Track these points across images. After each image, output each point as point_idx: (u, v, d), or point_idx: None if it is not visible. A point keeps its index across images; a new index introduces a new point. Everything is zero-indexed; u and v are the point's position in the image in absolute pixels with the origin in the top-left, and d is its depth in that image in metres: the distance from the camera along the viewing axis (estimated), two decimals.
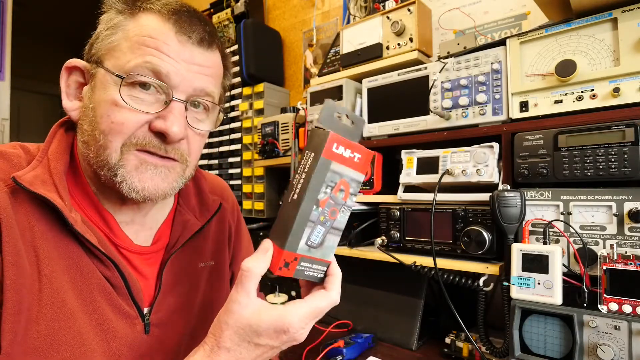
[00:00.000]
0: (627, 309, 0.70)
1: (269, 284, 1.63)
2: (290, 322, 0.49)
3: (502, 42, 0.98)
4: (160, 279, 0.66)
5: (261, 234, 1.72)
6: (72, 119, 0.61)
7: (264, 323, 0.49)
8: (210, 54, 0.62)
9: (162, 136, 0.58)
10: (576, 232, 0.81)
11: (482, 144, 0.99)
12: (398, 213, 1.10)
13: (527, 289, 0.80)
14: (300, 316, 0.50)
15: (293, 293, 1.55)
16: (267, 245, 0.52)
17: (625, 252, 0.76)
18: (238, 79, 2.06)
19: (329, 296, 0.52)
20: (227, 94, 2.11)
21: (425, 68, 1.13)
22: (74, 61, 0.61)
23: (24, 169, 0.56)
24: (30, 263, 0.52)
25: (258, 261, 0.50)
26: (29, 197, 0.54)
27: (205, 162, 2.21)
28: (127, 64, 0.56)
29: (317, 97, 1.37)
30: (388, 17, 1.25)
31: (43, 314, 0.52)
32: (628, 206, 0.76)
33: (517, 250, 0.82)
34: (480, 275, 0.96)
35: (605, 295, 0.73)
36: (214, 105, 0.64)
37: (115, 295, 0.59)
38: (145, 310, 0.63)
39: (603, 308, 0.73)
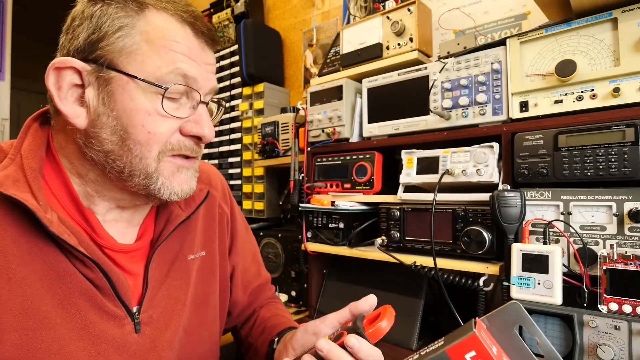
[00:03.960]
0: (627, 309, 0.70)
1: None
2: None
3: (502, 42, 0.98)
4: (147, 275, 0.64)
5: (261, 233, 1.72)
6: (77, 127, 0.56)
7: None
8: (213, 54, 0.65)
9: (196, 139, 0.61)
10: (576, 232, 0.81)
11: (482, 144, 0.99)
12: (398, 213, 1.10)
13: (527, 289, 0.80)
14: None
15: (293, 293, 1.55)
16: None
17: (625, 252, 0.76)
18: (238, 79, 2.06)
19: None
20: (228, 93, 2.12)
21: (425, 68, 1.13)
22: (68, 61, 0.54)
23: None
24: None
25: None
26: (1, 201, 0.52)
27: (205, 162, 2.21)
28: (158, 70, 0.55)
29: (317, 97, 1.37)
30: (388, 17, 1.25)
31: (14, 323, 0.50)
32: (628, 206, 0.76)
33: (517, 250, 0.82)
34: (480, 275, 0.96)
35: (605, 295, 0.73)
36: (218, 99, 0.69)
37: (99, 296, 0.57)
38: (134, 309, 0.62)
39: (603, 308, 0.73)
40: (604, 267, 0.74)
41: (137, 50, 0.55)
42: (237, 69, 2.05)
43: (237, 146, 2.04)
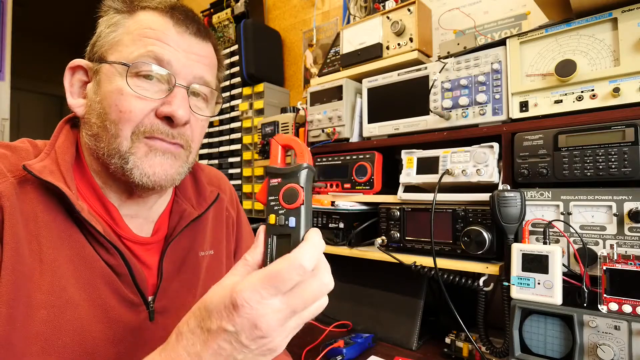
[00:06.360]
0: (627, 309, 0.70)
1: None
2: (239, 291, 0.39)
3: (502, 42, 0.98)
4: (161, 267, 0.68)
5: None
6: (78, 115, 0.64)
7: (214, 298, 0.41)
8: (205, 45, 0.67)
9: (169, 121, 0.62)
10: (576, 232, 0.81)
11: (482, 144, 0.99)
12: (398, 213, 1.10)
13: (527, 289, 0.80)
14: (252, 283, 0.39)
15: None
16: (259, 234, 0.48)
17: (625, 252, 0.76)
18: (238, 79, 2.06)
19: (289, 258, 0.40)
20: (228, 93, 2.11)
21: (425, 68, 1.12)
22: (78, 61, 0.64)
23: (33, 160, 0.58)
24: (31, 252, 0.54)
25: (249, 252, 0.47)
26: (36, 187, 0.56)
27: (205, 162, 2.21)
28: (131, 54, 0.60)
29: (317, 97, 1.37)
30: (388, 17, 1.25)
31: (44, 301, 0.53)
32: (628, 206, 0.76)
33: (517, 250, 0.82)
34: (480, 275, 0.96)
35: (605, 295, 0.73)
36: (212, 92, 0.68)
37: (119, 283, 0.60)
38: (150, 298, 0.65)
39: (603, 308, 0.73)
40: (604, 267, 0.74)
41: (119, 41, 0.61)
42: (237, 69, 2.05)
43: (237, 146, 2.03)
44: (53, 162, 0.59)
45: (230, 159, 2.06)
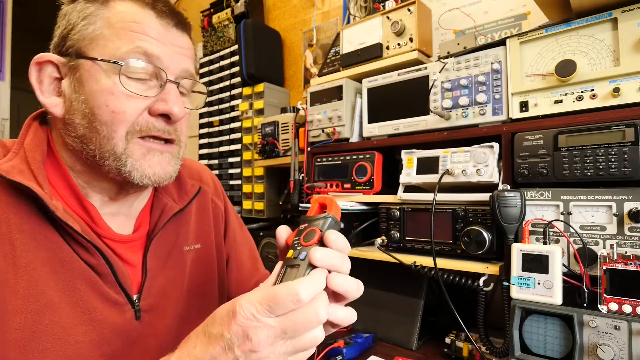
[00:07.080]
0: (627, 309, 0.70)
1: None
2: (239, 302, 0.42)
3: (502, 42, 0.98)
4: (145, 264, 0.66)
5: (261, 233, 1.71)
6: (55, 115, 0.60)
7: (223, 307, 0.44)
8: (186, 37, 0.65)
9: (164, 118, 0.60)
10: (576, 232, 0.81)
11: (482, 144, 0.99)
12: (398, 213, 1.10)
13: (527, 289, 0.80)
14: (249, 298, 0.42)
15: None
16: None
17: (625, 252, 0.76)
18: (238, 79, 2.06)
19: (288, 285, 0.42)
20: (228, 93, 2.11)
21: (425, 68, 1.13)
22: (46, 55, 0.59)
23: (1, 160, 0.56)
24: (4, 256, 0.52)
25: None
26: (6, 188, 0.54)
27: (205, 161, 2.21)
28: (118, 50, 0.56)
29: (317, 97, 1.37)
30: (388, 17, 1.25)
31: (20, 306, 0.52)
32: (628, 206, 0.76)
33: (517, 250, 0.82)
34: (480, 275, 0.96)
35: (605, 295, 0.73)
36: (193, 83, 0.67)
37: (101, 283, 0.58)
38: (135, 297, 0.63)
39: (603, 308, 0.73)
40: (604, 267, 0.74)
41: (99, 35, 0.57)
42: (237, 69, 2.05)
43: (237, 146, 2.04)
44: (22, 161, 0.57)
45: (230, 159, 2.06)
